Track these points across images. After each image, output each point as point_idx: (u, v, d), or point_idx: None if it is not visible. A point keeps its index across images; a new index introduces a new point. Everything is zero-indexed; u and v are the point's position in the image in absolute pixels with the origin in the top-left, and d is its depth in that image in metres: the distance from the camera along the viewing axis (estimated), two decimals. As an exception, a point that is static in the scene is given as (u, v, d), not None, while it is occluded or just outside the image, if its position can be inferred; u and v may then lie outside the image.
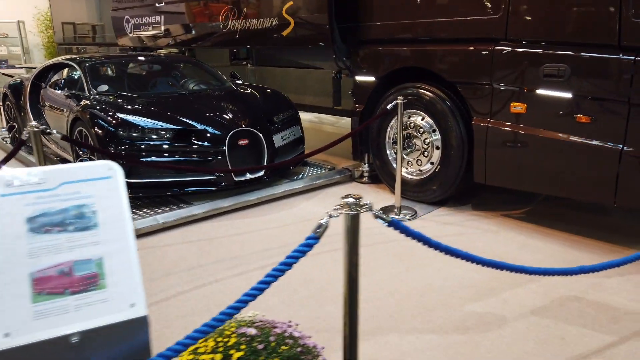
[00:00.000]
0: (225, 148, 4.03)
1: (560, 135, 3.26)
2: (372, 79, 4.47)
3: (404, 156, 4.25)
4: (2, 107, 6.63)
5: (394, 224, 1.52)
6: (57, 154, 5.04)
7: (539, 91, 3.30)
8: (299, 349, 1.51)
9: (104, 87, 4.72)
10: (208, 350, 1.48)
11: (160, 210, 3.83)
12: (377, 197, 4.44)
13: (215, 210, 3.94)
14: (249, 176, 4.19)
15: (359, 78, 4.59)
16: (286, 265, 1.34)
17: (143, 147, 3.88)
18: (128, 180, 3.81)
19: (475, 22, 3.61)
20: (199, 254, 3.29)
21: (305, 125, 7.79)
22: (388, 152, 4.42)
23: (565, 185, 3.32)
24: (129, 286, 1.20)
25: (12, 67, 10.73)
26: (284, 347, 1.49)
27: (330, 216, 1.43)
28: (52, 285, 1.14)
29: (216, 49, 7.22)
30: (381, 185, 4.68)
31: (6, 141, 6.50)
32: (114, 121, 3.92)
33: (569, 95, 3.17)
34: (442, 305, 2.62)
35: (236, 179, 4.12)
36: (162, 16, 6.80)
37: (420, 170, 4.19)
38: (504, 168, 3.61)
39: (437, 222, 3.83)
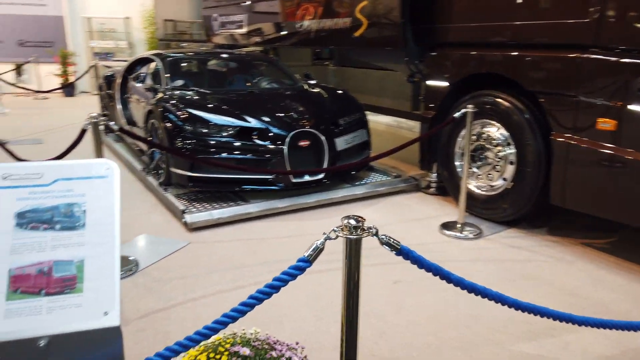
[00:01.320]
0: (285, 148, 3.98)
1: (656, 158, 2.80)
2: (445, 84, 4.19)
3: (475, 169, 3.93)
4: (99, 97, 7.18)
5: (404, 253, 1.33)
6: (137, 144, 5.33)
7: (632, 107, 2.86)
8: (294, 378, 1.38)
9: (179, 82, 4.90)
10: (200, 365, 1.40)
11: (217, 206, 3.87)
12: (441, 210, 4.16)
13: (270, 210, 3.92)
14: (307, 178, 4.12)
15: (431, 83, 4.32)
16: (272, 288, 1.22)
17: (206, 142, 3.94)
18: (190, 174, 3.92)
19: (560, 26, 3.22)
20: (247, 253, 3.27)
21: (382, 129, 7.62)
22: (457, 163, 4.12)
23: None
24: (106, 293, 1.15)
25: (115, 60, 11.63)
26: (277, 374, 1.37)
27: (327, 238, 1.28)
28: (28, 284, 1.12)
29: (298, 48, 7.26)
30: (448, 198, 4.39)
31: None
32: (182, 115, 4.03)
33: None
34: (487, 341, 2.35)
35: (294, 181, 4.06)
36: (247, 15, 6.96)
37: (491, 186, 3.85)
38: (585, 191, 3.19)
39: (504, 244, 3.48)
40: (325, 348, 2.26)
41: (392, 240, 1.35)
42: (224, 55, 5.83)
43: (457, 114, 3.60)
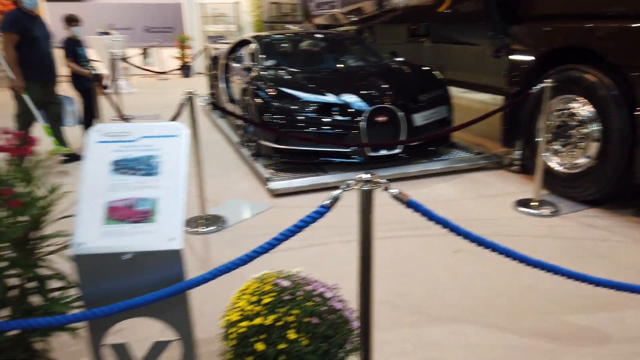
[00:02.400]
0: (364, 123, 4.19)
1: None
2: (529, 58, 4.07)
3: (557, 147, 3.82)
4: (207, 77, 7.92)
5: (412, 206, 1.51)
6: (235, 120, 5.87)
7: None
8: (324, 308, 1.64)
9: (271, 61, 5.29)
10: (249, 292, 1.72)
11: (299, 176, 4.22)
12: (520, 188, 4.10)
13: (345, 182, 4.16)
14: (383, 152, 4.29)
15: (514, 57, 4.22)
16: (291, 232, 1.48)
17: (291, 117, 4.28)
18: (276, 146, 4.30)
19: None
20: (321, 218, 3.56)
21: (478, 107, 7.42)
22: (539, 141, 4.01)
23: None
24: (172, 224, 1.49)
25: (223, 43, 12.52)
26: (309, 303, 1.64)
27: (344, 189, 1.51)
28: (119, 214, 1.50)
29: (390, 26, 7.31)
30: (530, 177, 4.28)
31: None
32: (270, 92, 4.41)
33: None
34: (537, 310, 2.40)
35: (370, 154, 4.26)
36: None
37: (574, 164, 3.71)
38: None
39: (580, 222, 3.39)
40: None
41: (400, 194, 1.54)
42: (316, 36, 6.13)
43: (534, 88, 3.52)
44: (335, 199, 1.51)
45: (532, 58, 4.04)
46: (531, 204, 3.64)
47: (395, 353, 2.10)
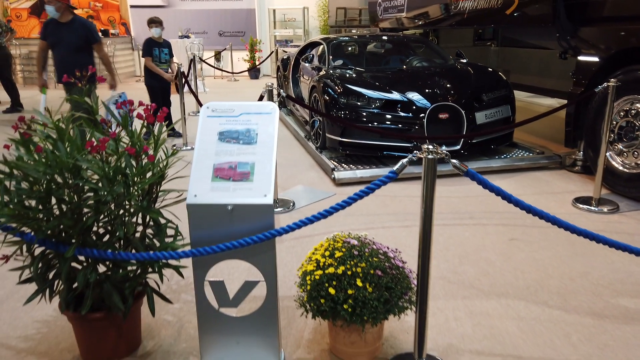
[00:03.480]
0: (424, 120, 4.41)
1: None
2: (595, 59, 4.13)
3: (621, 146, 3.87)
4: (276, 78, 8.39)
5: (470, 175, 1.75)
6: (302, 116, 6.25)
7: None
8: (387, 264, 1.92)
9: (339, 62, 5.62)
10: (323, 248, 2.03)
11: (361, 167, 4.50)
12: (581, 187, 4.16)
13: (406, 175, 4.40)
14: (444, 148, 4.48)
15: (581, 58, 4.28)
16: (364, 193, 1.76)
17: (357, 112, 4.58)
18: (340, 139, 4.62)
19: None
20: (380, 206, 3.83)
21: (543, 111, 7.38)
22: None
23: None
24: (266, 183, 1.82)
25: (292, 46, 13.04)
26: (374, 259, 1.92)
27: (411, 158, 1.77)
28: (224, 173, 1.85)
29: (455, 28, 7.44)
30: (592, 177, 4.32)
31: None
32: (338, 89, 4.74)
33: None
34: (587, 292, 2.54)
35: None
36: (407, 0, 7.39)
37: (637, 164, 3.75)
38: None
39: (637, 219, 3.44)
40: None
41: (460, 164, 1.78)
42: (382, 38, 6.40)
43: (598, 88, 3.60)
44: (403, 166, 1.78)
45: (599, 59, 4.10)
46: (592, 200, 3.71)
47: (449, 318, 2.33)
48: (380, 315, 1.84)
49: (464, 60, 5.82)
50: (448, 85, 4.72)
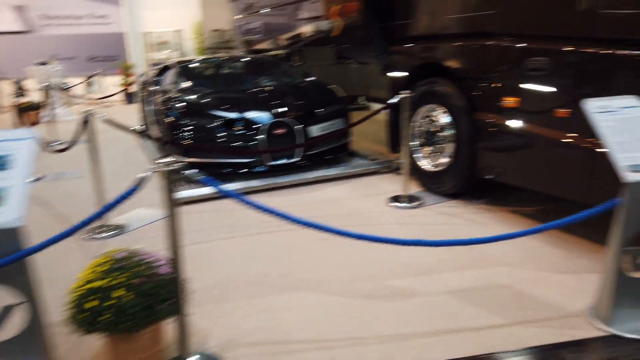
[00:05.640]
0: (262, 136, 4.69)
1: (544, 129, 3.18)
2: (403, 74, 4.68)
3: (427, 149, 4.40)
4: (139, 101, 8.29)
5: (205, 182, 1.98)
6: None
7: (527, 85, 3.24)
8: (151, 272, 2.07)
9: (187, 84, 5.76)
10: (92, 265, 2.13)
11: (202, 185, 4.64)
12: (402, 187, 4.63)
13: (246, 189, 4.61)
14: (282, 161, 4.79)
15: (392, 73, 4.83)
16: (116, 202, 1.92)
17: (199, 132, 4.73)
18: (186, 160, 4.73)
19: (472, 18, 3.66)
20: (217, 219, 4.00)
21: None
22: (412, 144, 4.59)
23: (544, 181, 3.23)
24: (17, 207, 1.90)
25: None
26: (139, 268, 2.06)
27: (152, 171, 1.95)
28: (-27, 201, 1.91)
29: (318, 48, 7.91)
30: (413, 178, 4.85)
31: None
32: (180, 111, 4.86)
33: (550, 89, 3.09)
34: (369, 277, 2.89)
35: (270, 163, 4.75)
36: (262, 23, 7.75)
37: (438, 163, 4.30)
38: (497, 162, 3.61)
39: (437, 211, 3.95)
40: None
41: (199, 173, 2.01)
42: (236, 60, 6.64)
43: (392, 100, 4.11)
44: (144, 179, 1.95)
45: (405, 74, 4.65)
46: (400, 198, 4.19)
47: (238, 316, 2.54)
48: (143, 322, 1.98)
49: (310, 79, 6.23)
50: (285, 103, 5.05)
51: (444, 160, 4.21)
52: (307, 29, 6.24)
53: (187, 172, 2.01)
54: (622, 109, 2.22)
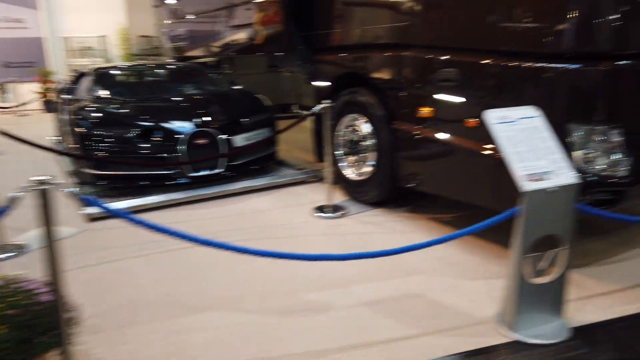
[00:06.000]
0: (182, 146, 4.49)
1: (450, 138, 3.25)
2: (325, 83, 4.66)
3: (352, 158, 4.39)
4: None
5: (86, 202, 1.82)
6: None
7: (440, 96, 3.30)
8: (29, 302, 1.87)
9: (103, 92, 5.45)
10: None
11: (123, 199, 4.37)
12: (329, 196, 4.59)
13: (168, 201, 4.40)
14: (204, 172, 4.62)
15: (315, 82, 4.81)
16: None
17: (113, 143, 4.46)
18: (96, 172, 4.44)
19: (389, 29, 3.70)
20: (129, 236, 3.76)
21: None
22: (337, 153, 4.58)
23: (458, 189, 3.30)
24: None
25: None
26: (14, 298, 1.85)
27: (25, 192, 1.77)
28: None
29: (250, 56, 7.75)
30: (339, 187, 4.83)
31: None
32: (92, 121, 4.57)
33: (460, 100, 3.17)
34: (286, 292, 2.80)
35: (191, 175, 4.56)
36: (189, 29, 7.52)
37: (361, 172, 4.30)
38: (414, 171, 3.67)
39: (359, 220, 3.94)
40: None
41: (78, 190, 1.84)
42: (159, 67, 6.38)
43: (311, 110, 4.07)
44: (15, 199, 1.76)
45: (327, 83, 4.64)
46: (326, 208, 4.15)
47: (142, 342, 2.36)
48: (19, 357, 1.78)
49: (237, 87, 6.09)
50: (208, 112, 4.88)
51: (367, 169, 4.21)
52: (235, 37, 6.11)
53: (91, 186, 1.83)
54: (521, 119, 2.28)
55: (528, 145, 2.21)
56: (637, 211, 3.76)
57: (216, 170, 4.69)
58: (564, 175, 2.17)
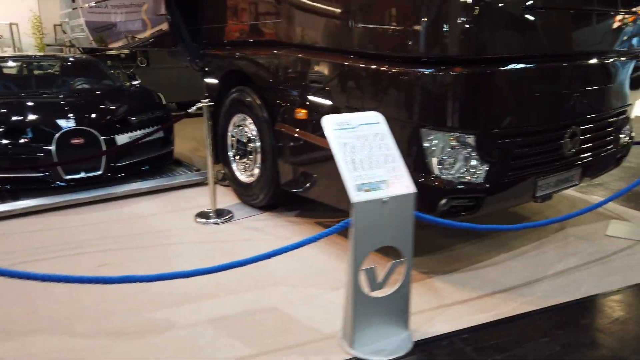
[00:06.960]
0: (53, 147, 4.13)
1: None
2: (215, 80, 4.44)
3: (243, 160, 4.20)
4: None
5: None
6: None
7: (311, 97, 3.17)
8: None
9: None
10: None
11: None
12: (222, 199, 4.36)
13: (41, 206, 4.03)
14: (83, 175, 4.28)
15: (206, 79, 4.57)
16: None
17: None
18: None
19: (266, 26, 3.54)
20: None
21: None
22: (229, 154, 4.38)
23: (326, 194, 3.21)
24: None
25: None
26: None
27: None
28: None
29: (155, 51, 7.36)
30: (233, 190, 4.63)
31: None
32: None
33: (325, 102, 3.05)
34: (130, 310, 2.58)
35: (67, 177, 4.21)
36: (86, 21, 7.03)
37: (250, 174, 4.13)
38: (292, 175, 3.54)
39: (242, 226, 3.76)
40: None
41: None
42: (44, 61, 5.93)
43: (192, 109, 3.85)
44: None
45: (217, 80, 4.41)
46: (210, 213, 3.94)
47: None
48: None
49: (137, 82, 5.73)
50: (91, 109, 4.53)
51: (255, 171, 4.04)
52: (132, 29, 5.74)
53: None
54: (361, 125, 2.18)
55: (366, 153, 2.10)
56: (509, 217, 3.83)
57: (96, 173, 4.35)
58: (400, 184, 2.08)
